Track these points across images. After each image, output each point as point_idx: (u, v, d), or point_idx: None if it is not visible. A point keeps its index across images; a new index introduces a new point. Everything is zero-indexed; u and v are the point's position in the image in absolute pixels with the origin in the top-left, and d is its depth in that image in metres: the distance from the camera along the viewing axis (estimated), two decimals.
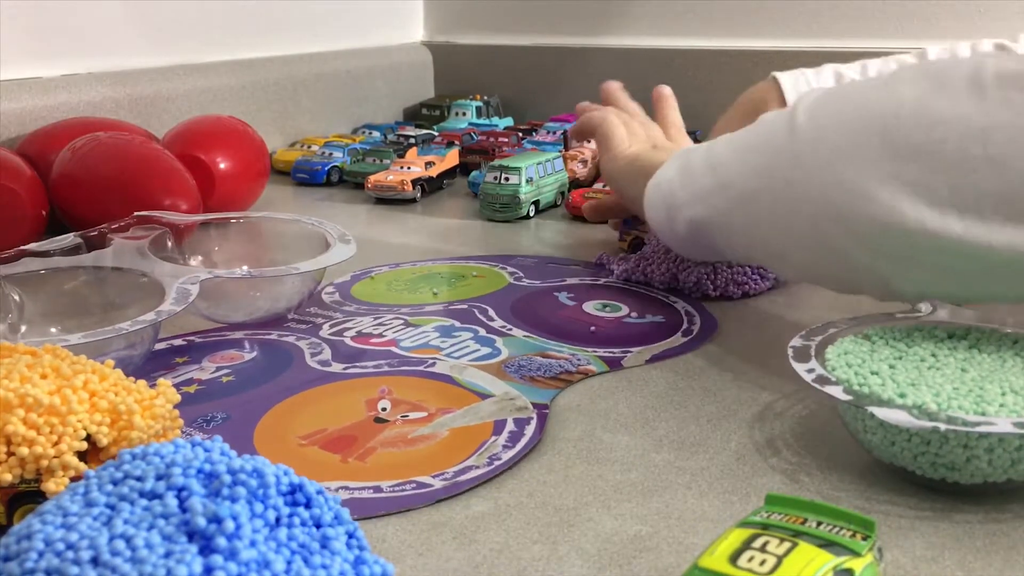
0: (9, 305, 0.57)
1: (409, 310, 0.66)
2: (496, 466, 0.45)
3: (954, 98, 0.44)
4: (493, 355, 0.58)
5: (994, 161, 0.43)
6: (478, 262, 0.78)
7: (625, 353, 0.58)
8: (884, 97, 0.47)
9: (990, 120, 0.43)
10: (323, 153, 1.09)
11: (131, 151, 0.81)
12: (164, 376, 0.55)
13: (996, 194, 0.43)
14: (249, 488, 0.29)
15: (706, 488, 0.43)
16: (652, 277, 0.70)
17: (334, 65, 1.24)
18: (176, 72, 1.04)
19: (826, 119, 0.49)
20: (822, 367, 0.44)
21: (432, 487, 0.43)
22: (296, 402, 0.52)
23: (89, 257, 0.61)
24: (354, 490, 0.43)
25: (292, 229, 0.69)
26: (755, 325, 0.64)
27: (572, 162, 1.00)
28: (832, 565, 0.30)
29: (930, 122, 0.44)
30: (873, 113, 0.47)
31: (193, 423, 0.50)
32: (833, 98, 0.50)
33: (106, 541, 0.27)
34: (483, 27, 1.37)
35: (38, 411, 0.37)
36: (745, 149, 0.55)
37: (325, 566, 0.29)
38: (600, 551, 0.39)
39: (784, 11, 1.14)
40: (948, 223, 0.44)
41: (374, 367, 0.56)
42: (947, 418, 0.39)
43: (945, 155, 0.44)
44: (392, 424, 0.49)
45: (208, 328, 0.64)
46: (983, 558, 0.38)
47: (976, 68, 0.44)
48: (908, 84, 0.46)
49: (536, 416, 0.50)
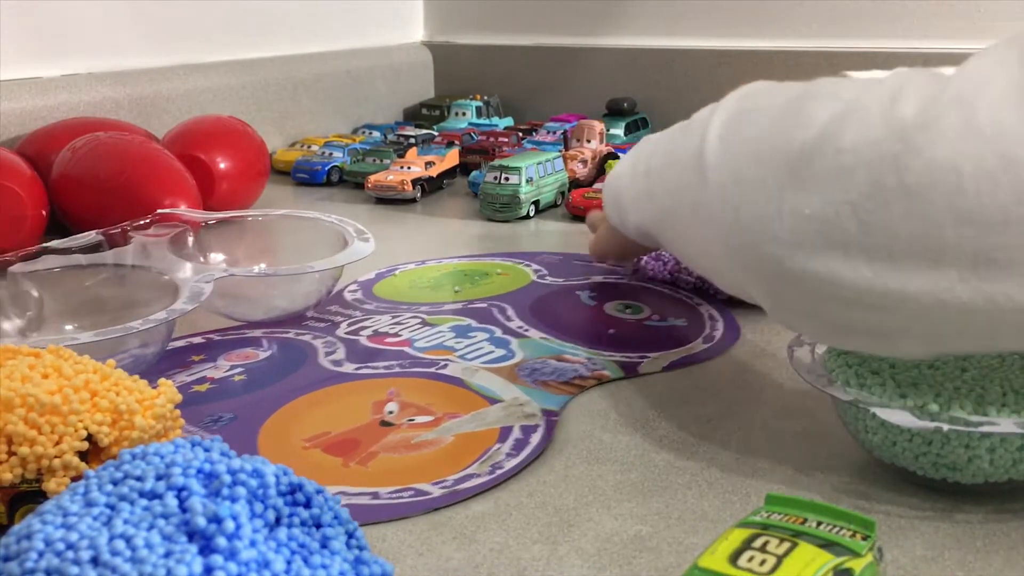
0: (28, 302, 0.57)
1: (428, 308, 0.66)
2: (498, 475, 0.44)
3: (866, 122, 0.38)
4: (507, 357, 0.57)
5: (911, 193, 0.36)
6: (503, 259, 0.78)
7: (643, 358, 0.57)
8: (794, 119, 0.41)
9: (905, 147, 0.36)
10: (323, 153, 1.09)
11: (131, 151, 0.81)
12: (179, 374, 0.56)
13: (910, 233, 0.36)
14: (249, 488, 0.29)
15: (706, 488, 0.43)
16: (679, 277, 0.69)
17: (334, 65, 1.24)
18: (176, 72, 1.04)
19: (735, 142, 0.43)
20: (822, 367, 0.44)
21: (431, 495, 0.43)
22: (304, 403, 0.52)
23: (109, 255, 0.62)
24: (352, 496, 0.43)
25: (311, 227, 0.69)
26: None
27: (572, 162, 1.00)
28: (832, 565, 0.30)
29: (837, 148, 0.38)
30: (780, 137, 0.41)
31: (200, 422, 0.50)
32: (746, 116, 0.44)
33: (106, 541, 0.27)
34: (483, 27, 1.37)
35: (39, 411, 0.37)
36: (667, 158, 0.50)
37: (325, 566, 0.29)
38: (600, 551, 0.39)
39: (784, 11, 1.14)
40: (855, 266, 0.38)
41: (385, 368, 0.56)
42: (949, 418, 0.39)
43: (854, 186, 0.37)
44: (397, 428, 0.49)
45: (228, 326, 0.64)
46: (983, 558, 0.38)
47: (896, 89, 0.38)
48: (821, 104, 0.40)
49: (544, 424, 0.49)
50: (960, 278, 0.36)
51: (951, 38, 1.05)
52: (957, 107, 0.36)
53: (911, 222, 0.36)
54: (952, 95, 0.36)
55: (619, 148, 1.05)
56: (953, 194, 0.35)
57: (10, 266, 0.57)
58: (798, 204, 0.39)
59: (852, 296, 0.38)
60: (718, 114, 0.45)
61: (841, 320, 0.40)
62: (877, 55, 1.07)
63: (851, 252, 0.38)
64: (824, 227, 0.38)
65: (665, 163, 0.50)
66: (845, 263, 0.38)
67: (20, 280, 0.57)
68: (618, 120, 1.17)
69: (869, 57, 1.07)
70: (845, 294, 0.39)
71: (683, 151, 0.47)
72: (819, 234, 0.38)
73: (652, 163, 0.53)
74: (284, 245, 0.70)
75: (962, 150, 0.35)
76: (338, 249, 0.64)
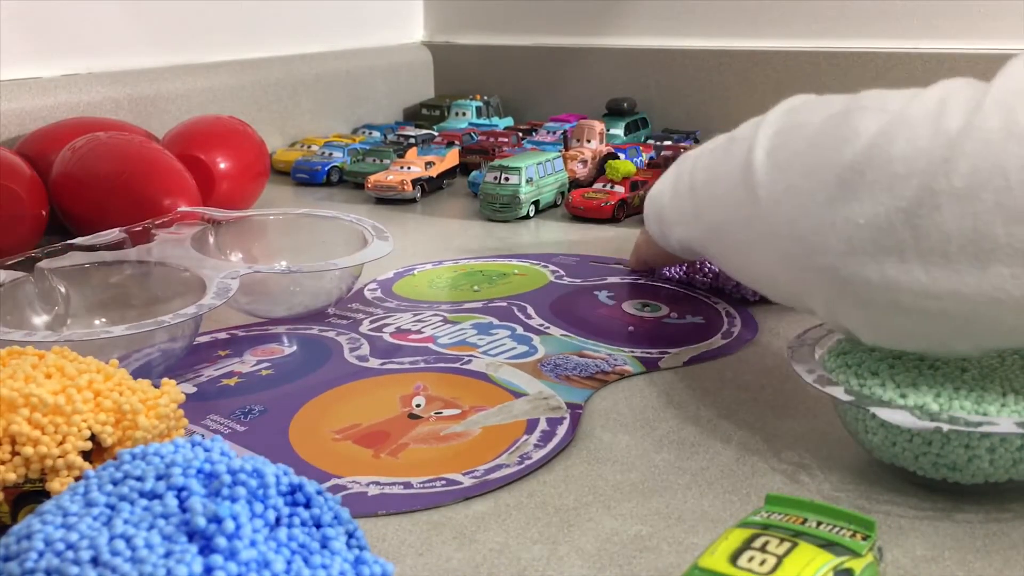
0: (56, 297, 0.58)
1: (449, 307, 0.67)
2: (527, 465, 0.45)
3: (914, 133, 0.39)
4: (529, 353, 0.58)
5: (960, 195, 0.38)
6: (520, 260, 0.78)
7: (663, 354, 0.58)
8: (842, 132, 0.42)
9: (952, 152, 0.38)
10: (323, 153, 1.09)
11: (131, 151, 0.81)
12: (206, 368, 0.57)
13: (962, 234, 0.38)
14: (249, 488, 0.29)
15: (706, 488, 0.43)
16: (694, 278, 0.69)
17: (334, 65, 1.24)
18: (176, 72, 1.04)
19: (783, 157, 0.45)
20: (822, 368, 0.44)
21: (462, 484, 0.43)
22: (332, 396, 0.53)
23: (133, 252, 0.63)
24: (384, 485, 0.43)
25: (331, 226, 0.70)
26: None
27: (572, 162, 1.00)
28: (832, 565, 0.30)
29: (887, 158, 0.39)
30: (829, 150, 0.42)
31: (231, 415, 0.50)
32: (792, 131, 0.45)
33: (106, 541, 0.27)
34: (483, 27, 1.37)
35: (43, 411, 0.38)
36: (711, 174, 0.51)
37: (325, 566, 0.29)
38: (600, 551, 0.39)
39: (784, 11, 1.14)
40: (911, 271, 0.39)
41: (410, 363, 0.57)
42: (949, 418, 0.39)
43: (905, 193, 0.39)
44: (425, 421, 0.49)
45: (251, 323, 0.64)
46: (983, 558, 0.38)
47: (941, 100, 0.40)
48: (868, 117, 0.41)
49: (569, 416, 0.50)
50: (1012, 275, 0.37)
51: (951, 38, 1.05)
52: (998, 111, 0.38)
53: (962, 223, 0.38)
54: (993, 100, 0.38)
55: (619, 148, 1.05)
56: (1001, 194, 0.37)
57: (37, 262, 0.58)
58: (851, 214, 0.40)
59: (908, 300, 0.40)
60: (763, 130, 0.47)
61: (897, 324, 0.41)
62: (877, 55, 1.07)
63: (906, 257, 0.39)
64: (878, 235, 0.40)
65: (710, 179, 0.52)
66: (900, 268, 0.39)
67: (47, 276, 0.58)
68: (618, 120, 1.17)
69: (869, 57, 1.07)
70: (901, 298, 0.40)
71: (729, 167, 0.48)
72: (873, 242, 0.40)
73: (696, 180, 0.53)
74: (304, 243, 0.70)
75: (1006, 151, 0.37)
76: (357, 248, 0.65)
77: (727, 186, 0.49)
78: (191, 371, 0.56)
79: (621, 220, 0.90)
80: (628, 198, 0.91)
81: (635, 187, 0.92)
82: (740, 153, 0.47)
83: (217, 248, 0.67)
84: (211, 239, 0.67)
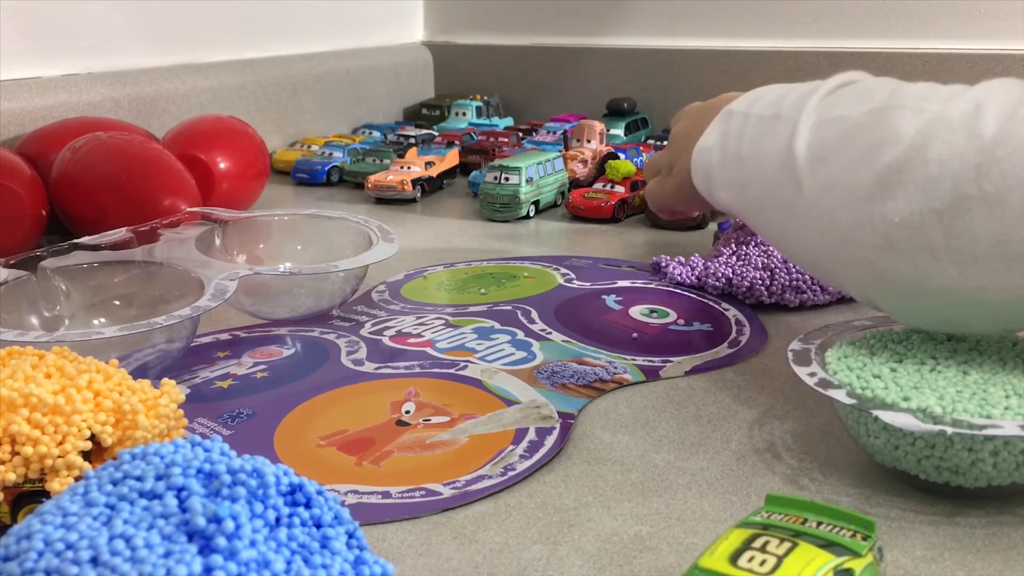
0: (57, 296, 0.58)
1: (453, 310, 0.66)
2: (509, 476, 0.44)
3: (951, 136, 0.41)
4: (527, 360, 0.57)
5: (990, 200, 0.40)
6: (532, 263, 0.77)
7: (665, 362, 0.57)
8: (881, 132, 0.44)
9: (985, 158, 0.40)
10: (323, 153, 1.09)
11: (131, 151, 0.81)
12: (203, 369, 0.56)
13: (991, 236, 0.40)
14: (249, 488, 0.29)
15: (706, 488, 0.43)
16: (706, 282, 0.68)
17: (334, 65, 1.24)
18: (176, 72, 1.04)
19: (824, 151, 0.46)
20: (824, 370, 0.44)
21: (441, 495, 0.43)
22: (323, 401, 0.52)
23: (138, 251, 0.62)
24: (363, 494, 0.43)
25: (339, 227, 0.70)
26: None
27: (572, 162, 1.00)
28: (832, 565, 0.30)
29: (924, 160, 0.42)
30: (869, 148, 0.44)
31: (219, 419, 0.50)
32: (832, 124, 0.47)
33: (106, 541, 0.27)
34: (483, 27, 1.37)
35: (42, 411, 0.37)
36: (757, 148, 0.52)
37: (325, 566, 0.29)
38: (600, 551, 0.39)
39: (784, 11, 1.14)
40: (942, 267, 0.42)
41: (405, 368, 0.56)
42: (953, 421, 0.39)
43: (939, 196, 0.41)
44: (413, 428, 0.49)
45: (254, 324, 0.64)
46: (983, 558, 0.38)
47: (977, 104, 0.42)
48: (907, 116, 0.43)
49: (559, 426, 0.49)
50: None
51: (951, 38, 1.05)
52: None
53: (991, 226, 0.40)
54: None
55: (619, 148, 1.05)
56: None
57: (41, 261, 0.58)
58: (888, 212, 0.43)
59: (939, 291, 0.43)
60: (804, 118, 0.48)
61: (928, 308, 0.45)
62: (877, 55, 1.07)
63: (938, 254, 0.42)
64: (912, 233, 0.42)
65: (757, 153, 0.52)
66: (932, 264, 0.42)
67: (50, 275, 0.58)
68: (618, 120, 1.17)
69: (869, 57, 1.07)
70: (932, 291, 0.43)
71: (774, 147, 0.50)
72: (908, 240, 0.42)
73: (743, 151, 0.53)
74: (310, 244, 0.70)
75: None
76: (363, 249, 0.65)
77: (771, 166, 0.50)
78: (188, 372, 0.56)
79: (621, 220, 0.90)
80: (628, 198, 0.91)
81: (635, 187, 0.92)
82: (783, 136, 0.49)
83: (223, 249, 0.67)
84: (217, 240, 0.67)
